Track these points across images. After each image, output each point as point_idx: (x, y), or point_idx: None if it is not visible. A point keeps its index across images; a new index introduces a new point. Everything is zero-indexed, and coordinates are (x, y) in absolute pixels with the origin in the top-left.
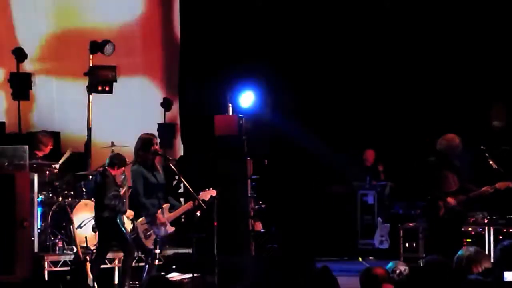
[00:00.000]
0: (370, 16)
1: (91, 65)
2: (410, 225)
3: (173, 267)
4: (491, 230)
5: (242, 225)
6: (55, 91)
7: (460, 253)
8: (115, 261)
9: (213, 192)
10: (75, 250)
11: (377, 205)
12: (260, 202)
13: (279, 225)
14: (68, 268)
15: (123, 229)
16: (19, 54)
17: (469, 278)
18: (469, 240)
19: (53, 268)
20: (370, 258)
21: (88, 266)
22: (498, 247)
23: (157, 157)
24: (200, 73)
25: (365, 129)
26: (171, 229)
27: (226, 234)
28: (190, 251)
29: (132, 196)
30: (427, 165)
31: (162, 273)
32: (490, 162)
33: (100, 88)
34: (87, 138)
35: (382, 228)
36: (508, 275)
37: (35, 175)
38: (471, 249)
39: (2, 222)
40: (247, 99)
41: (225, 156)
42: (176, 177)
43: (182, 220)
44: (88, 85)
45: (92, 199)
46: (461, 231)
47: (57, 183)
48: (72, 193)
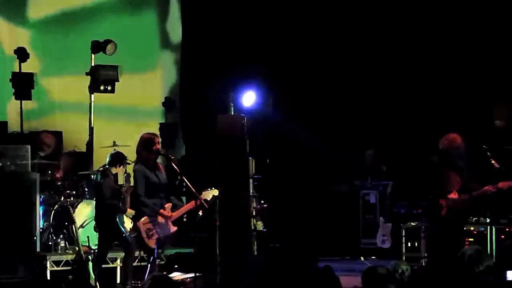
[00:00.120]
0: (370, 16)
1: (93, 65)
2: (412, 225)
3: (175, 267)
4: (493, 230)
5: (244, 225)
6: (57, 91)
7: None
8: (117, 261)
9: (215, 192)
10: (77, 250)
11: (379, 205)
12: (262, 202)
13: (281, 225)
14: (70, 268)
15: (123, 229)
16: (21, 54)
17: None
18: (471, 240)
19: (55, 268)
20: (372, 258)
21: (90, 266)
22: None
23: (159, 157)
24: (202, 73)
25: (367, 129)
26: (174, 229)
27: (228, 234)
28: (192, 251)
29: (134, 196)
30: (429, 165)
31: (164, 273)
32: (492, 162)
33: (102, 88)
34: (89, 138)
35: (384, 228)
36: (510, 275)
37: (37, 175)
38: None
39: (4, 222)
40: (249, 99)
41: (227, 156)
42: (178, 177)
43: (184, 220)
44: (90, 85)
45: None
46: (463, 231)
47: (59, 183)
48: (74, 193)
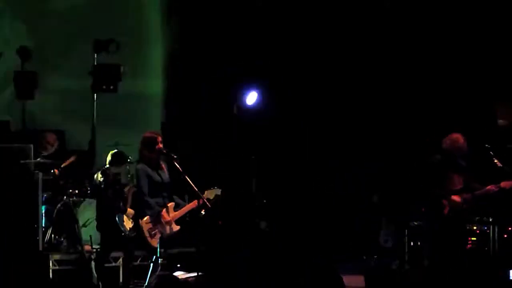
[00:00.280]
0: (370, 16)
1: (96, 64)
2: (415, 224)
3: (178, 266)
4: (496, 229)
5: (247, 224)
6: (60, 90)
7: None
8: (120, 260)
9: (218, 191)
10: (80, 249)
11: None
12: (265, 201)
13: (282, 224)
14: (73, 267)
15: (122, 228)
16: (24, 53)
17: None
18: (474, 239)
19: (58, 267)
20: (375, 257)
21: (93, 265)
22: None
23: (162, 156)
24: (203, 72)
25: (367, 129)
26: (176, 228)
27: (231, 233)
28: (195, 250)
29: (137, 195)
30: (430, 164)
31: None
32: (495, 161)
33: (105, 87)
34: (92, 137)
35: (387, 227)
36: None
37: (40, 174)
38: None
39: (7, 221)
40: (251, 98)
41: (229, 155)
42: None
43: (187, 219)
44: (93, 84)
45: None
46: (466, 230)
47: (62, 182)
48: (77, 192)
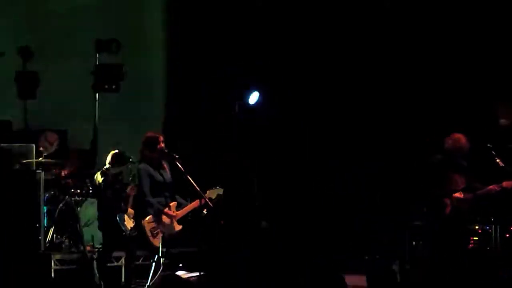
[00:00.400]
0: (370, 16)
1: (98, 64)
2: (417, 223)
3: (180, 266)
4: (498, 228)
5: (248, 223)
6: (62, 90)
7: None
8: (122, 260)
9: (220, 190)
10: (82, 249)
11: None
12: (266, 201)
13: (283, 224)
14: (75, 267)
15: (123, 228)
16: (26, 53)
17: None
18: (476, 238)
19: (60, 267)
20: (377, 257)
21: (95, 265)
22: None
23: (163, 156)
24: (205, 72)
25: (367, 129)
26: (178, 227)
27: (232, 232)
28: (197, 250)
29: (139, 195)
30: (431, 164)
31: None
32: (497, 161)
33: (107, 87)
34: (93, 137)
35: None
36: None
37: (42, 173)
38: None
39: (9, 220)
40: (253, 98)
41: (231, 154)
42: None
43: (189, 219)
44: (95, 84)
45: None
46: (468, 229)
47: (64, 181)
48: (79, 192)
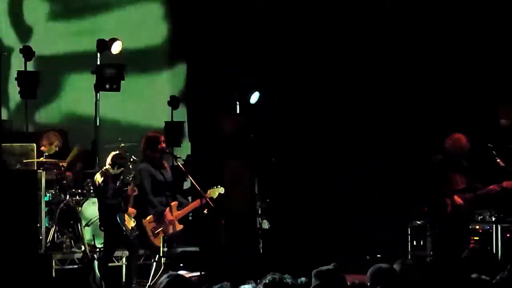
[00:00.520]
0: (370, 16)
1: (99, 63)
2: (418, 223)
3: (181, 265)
4: (499, 228)
5: (250, 223)
6: (63, 90)
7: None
8: (123, 259)
9: (221, 190)
10: (83, 249)
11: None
12: (268, 200)
13: (283, 224)
14: (76, 267)
15: (124, 228)
16: (27, 53)
17: (473, 277)
18: (477, 238)
19: (61, 267)
20: (378, 256)
21: (96, 265)
22: None
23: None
24: (206, 72)
25: (368, 128)
26: (179, 227)
27: (234, 232)
28: (198, 249)
29: (140, 194)
30: (432, 164)
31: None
32: (498, 161)
33: (108, 86)
34: (95, 136)
35: None
36: None
37: (43, 173)
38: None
39: (9, 220)
40: (253, 98)
41: (232, 155)
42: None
43: (190, 218)
44: (96, 83)
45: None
46: (469, 229)
47: (65, 181)
48: (80, 191)
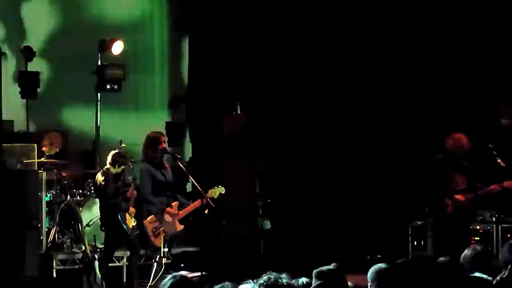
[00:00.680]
0: (370, 16)
1: (100, 64)
2: (419, 223)
3: (182, 266)
4: (499, 228)
5: (250, 223)
6: (64, 90)
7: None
8: (123, 260)
9: (222, 190)
10: (84, 249)
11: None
12: (269, 200)
13: (283, 224)
14: (77, 267)
15: (125, 227)
16: (28, 53)
17: (473, 276)
18: (477, 238)
19: (62, 267)
20: (378, 256)
21: (96, 265)
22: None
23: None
24: (207, 72)
25: (368, 128)
26: (180, 227)
27: (234, 232)
28: (199, 249)
29: (140, 194)
30: (432, 164)
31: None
32: (498, 161)
33: (109, 87)
34: (95, 137)
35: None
36: None
37: (44, 174)
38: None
39: (10, 221)
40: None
41: (233, 155)
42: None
43: (191, 218)
44: (97, 84)
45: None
46: (469, 229)
47: (65, 182)
48: (81, 192)
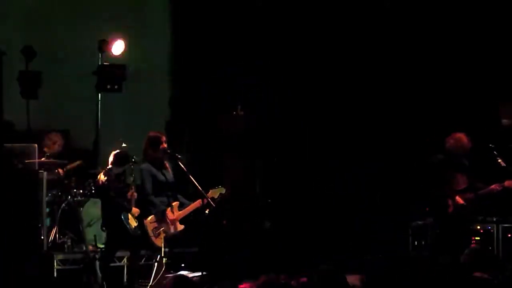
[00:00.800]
0: (370, 16)
1: (100, 64)
2: (419, 223)
3: (182, 266)
4: (500, 228)
5: (250, 223)
6: (64, 90)
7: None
8: (124, 260)
9: (222, 190)
10: (84, 249)
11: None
12: (269, 200)
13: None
14: (77, 267)
15: (128, 226)
16: (28, 52)
17: (473, 276)
18: (478, 238)
19: (62, 267)
20: (379, 256)
21: (97, 265)
22: None
23: (166, 155)
24: (206, 72)
25: (368, 128)
26: (180, 227)
27: (235, 232)
28: (199, 250)
29: (141, 195)
30: (432, 164)
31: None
32: (499, 160)
33: (109, 87)
34: (96, 137)
35: None
36: None
37: (44, 174)
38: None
39: (11, 220)
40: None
41: (233, 155)
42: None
43: (191, 218)
44: (97, 84)
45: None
46: (470, 229)
47: (66, 182)
48: (82, 192)
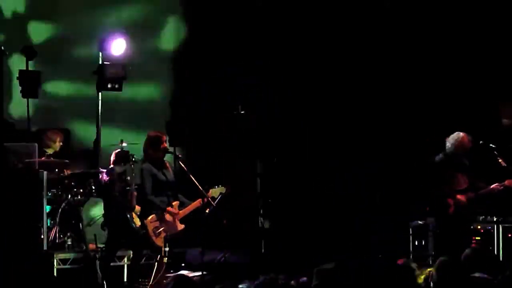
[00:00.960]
0: (370, 16)
1: (100, 63)
2: (420, 223)
3: (182, 265)
4: (500, 228)
5: (250, 223)
6: (65, 89)
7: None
8: (124, 259)
9: (222, 189)
10: (85, 248)
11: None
12: (270, 200)
13: (283, 223)
14: (77, 266)
15: (133, 225)
16: (29, 52)
17: (474, 276)
18: (478, 238)
19: (62, 266)
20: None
21: (97, 264)
22: None
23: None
24: (206, 72)
25: (368, 128)
26: (181, 227)
27: (235, 232)
28: (199, 249)
29: (141, 194)
30: (433, 164)
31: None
32: (499, 160)
33: (110, 86)
34: (96, 136)
35: None
36: None
37: (44, 173)
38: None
39: (11, 220)
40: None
41: (233, 155)
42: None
43: (191, 218)
44: (97, 83)
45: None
46: (470, 229)
47: (67, 181)
48: (82, 191)
